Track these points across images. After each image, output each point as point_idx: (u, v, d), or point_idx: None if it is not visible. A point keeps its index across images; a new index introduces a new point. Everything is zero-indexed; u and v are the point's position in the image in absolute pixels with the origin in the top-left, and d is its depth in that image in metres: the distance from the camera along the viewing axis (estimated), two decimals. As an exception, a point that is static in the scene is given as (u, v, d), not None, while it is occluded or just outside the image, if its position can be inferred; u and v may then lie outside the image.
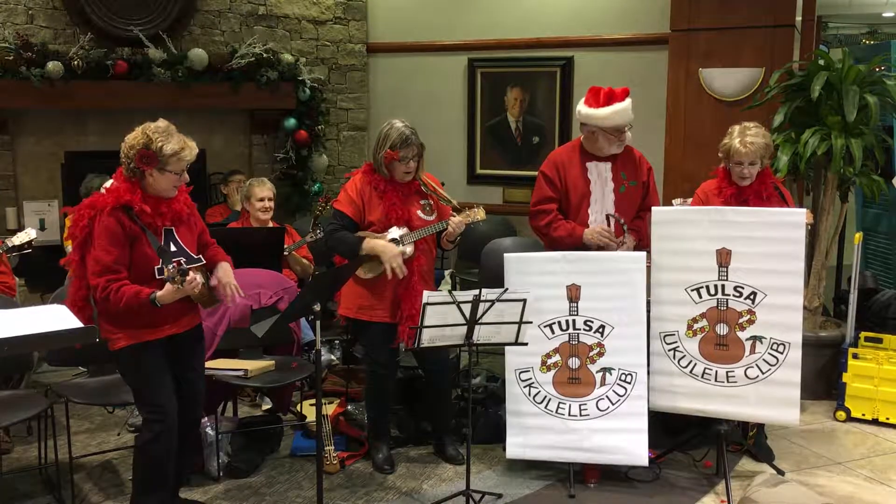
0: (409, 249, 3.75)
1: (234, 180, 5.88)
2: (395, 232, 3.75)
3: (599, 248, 3.90)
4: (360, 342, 4.00)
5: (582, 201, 4.02)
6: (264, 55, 6.14)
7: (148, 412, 3.18)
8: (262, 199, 4.88)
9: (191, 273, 2.99)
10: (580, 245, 3.92)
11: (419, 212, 3.84)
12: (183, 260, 3.12)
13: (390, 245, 3.72)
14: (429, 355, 3.90)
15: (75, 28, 5.79)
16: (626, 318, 3.69)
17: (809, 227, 4.13)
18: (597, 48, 6.27)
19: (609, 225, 3.97)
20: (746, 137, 3.82)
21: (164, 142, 3.02)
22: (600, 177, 4.02)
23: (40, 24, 5.76)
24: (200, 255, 3.25)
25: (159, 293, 2.97)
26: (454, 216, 3.78)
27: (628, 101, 3.93)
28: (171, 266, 2.92)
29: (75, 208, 3.13)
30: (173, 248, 3.13)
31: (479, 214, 3.78)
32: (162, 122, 3.09)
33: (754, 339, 3.66)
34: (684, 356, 3.75)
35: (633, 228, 4.02)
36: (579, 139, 4.10)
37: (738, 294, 3.67)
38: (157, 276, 3.03)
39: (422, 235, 3.79)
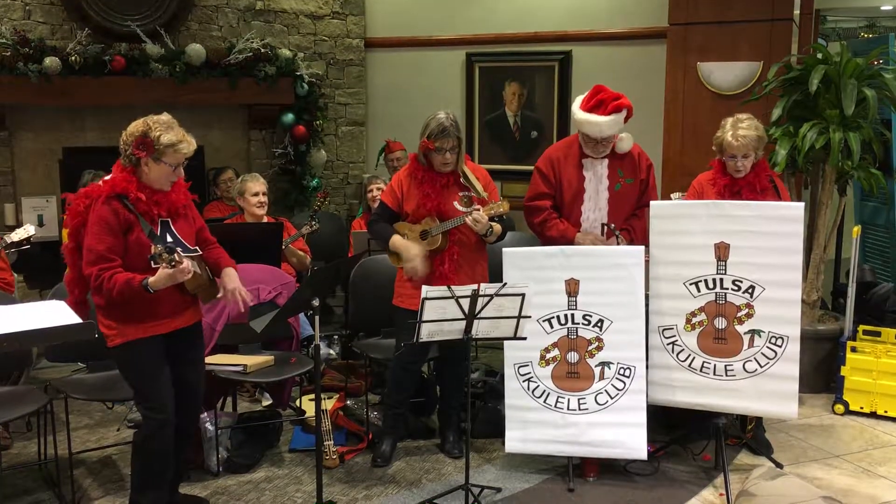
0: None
1: (223, 179, 5.84)
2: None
3: None
4: (395, 329, 4.02)
5: (576, 198, 4.02)
6: (262, 50, 6.13)
7: (146, 409, 3.18)
8: (256, 194, 4.88)
9: (180, 256, 2.95)
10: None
11: (456, 203, 3.85)
12: (179, 249, 3.11)
13: (412, 246, 3.78)
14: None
15: (73, 24, 5.78)
16: (624, 313, 3.69)
17: None
18: (595, 42, 6.26)
19: (602, 233, 3.97)
20: (739, 131, 3.82)
21: (162, 132, 3.04)
22: (595, 174, 4.01)
23: (37, 19, 5.75)
24: (197, 248, 3.25)
25: (151, 279, 2.97)
26: (477, 209, 3.77)
27: (613, 116, 3.83)
28: (158, 246, 2.92)
29: (73, 196, 3.14)
30: (170, 240, 3.12)
31: (502, 207, 3.76)
32: (164, 116, 3.13)
33: (753, 332, 3.67)
34: (683, 350, 3.75)
35: (626, 228, 4.00)
36: (577, 135, 4.09)
37: (736, 288, 3.67)
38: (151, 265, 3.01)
39: (448, 227, 3.80)
